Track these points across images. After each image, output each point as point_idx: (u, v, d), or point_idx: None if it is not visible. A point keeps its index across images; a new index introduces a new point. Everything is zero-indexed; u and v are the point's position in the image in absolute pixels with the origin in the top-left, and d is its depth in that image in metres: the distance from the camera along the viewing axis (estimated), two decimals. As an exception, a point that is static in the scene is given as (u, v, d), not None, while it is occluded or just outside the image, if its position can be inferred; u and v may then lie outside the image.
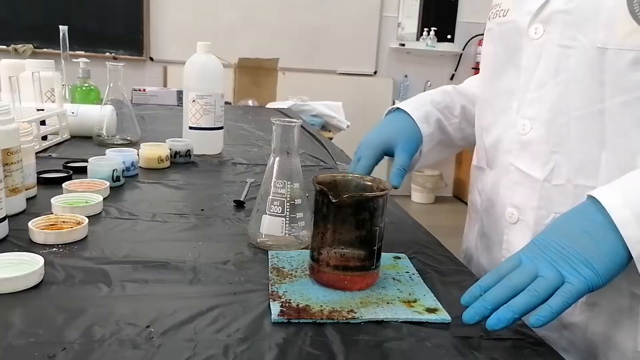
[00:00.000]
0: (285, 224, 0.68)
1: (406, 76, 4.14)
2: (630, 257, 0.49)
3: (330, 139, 2.18)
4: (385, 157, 0.79)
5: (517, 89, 0.66)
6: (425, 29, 4.13)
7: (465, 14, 4.15)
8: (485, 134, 0.75)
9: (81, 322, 0.48)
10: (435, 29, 4.12)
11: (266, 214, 0.68)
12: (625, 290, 0.58)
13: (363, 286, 0.59)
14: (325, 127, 2.60)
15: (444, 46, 4.16)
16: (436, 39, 4.13)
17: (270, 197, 0.68)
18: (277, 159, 0.69)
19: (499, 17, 0.69)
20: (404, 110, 0.82)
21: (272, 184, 0.68)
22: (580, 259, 0.49)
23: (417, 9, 4.12)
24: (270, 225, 0.68)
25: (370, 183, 0.63)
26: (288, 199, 0.68)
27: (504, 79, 0.69)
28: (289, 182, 0.68)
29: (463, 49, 4.20)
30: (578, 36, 0.59)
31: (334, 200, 0.56)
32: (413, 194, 4.37)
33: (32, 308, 0.51)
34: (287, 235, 0.68)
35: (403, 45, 4.12)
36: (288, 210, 0.68)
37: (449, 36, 4.17)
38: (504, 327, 0.48)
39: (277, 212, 0.68)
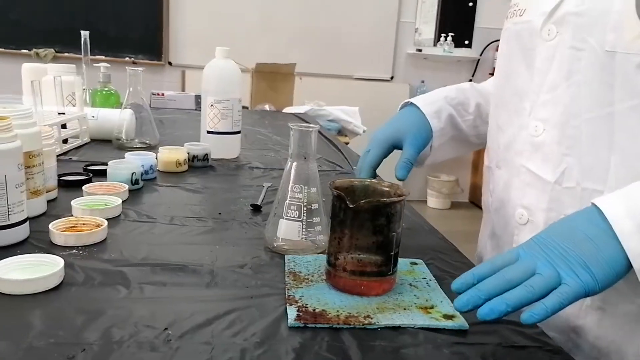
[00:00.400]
0: (302, 228, 0.68)
1: (423, 82, 4.13)
2: (629, 267, 0.48)
3: (347, 143, 2.18)
4: (395, 150, 0.80)
5: (530, 90, 0.66)
6: (443, 35, 4.12)
7: (483, 20, 4.13)
8: (498, 134, 0.74)
9: (100, 324, 0.49)
10: (453, 34, 4.11)
11: (283, 218, 0.69)
12: (632, 296, 0.58)
13: (380, 292, 0.59)
14: (341, 132, 2.60)
15: (462, 52, 4.14)
16: (453, 45, 4.11)
17: (287, 201, 0.68)
18: (295, 163, 0.69)
19: (516, 16, 0.69)
20: (416, 105, 0.82)
21: (289, 188, 0.68)
22: (580, 262, 0.48)
23: (434, 14, 4.11)
24: (287, 230, 0.68)
25: (387, 189, 0.63)
26: (305, 203, 0.68)
27: (518, 80, 0.69)
28: (306, 187, 0.68)
29: (480, 55, 4.18)
30: (588, 39, 0.59)
31: (351, 206, 0.56)
32: (429, 200, 4.35)
33: (52, 309, 0.52)
34: (303, 239, 0.68)
35: (420, 50, 4.11)
36: (305, 214, 0.68)
37: (466, 42, 4.15)
38: (496, 318, 0.47)
39: (294, 217, 0.68)
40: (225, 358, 0.45)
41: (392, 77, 4.14)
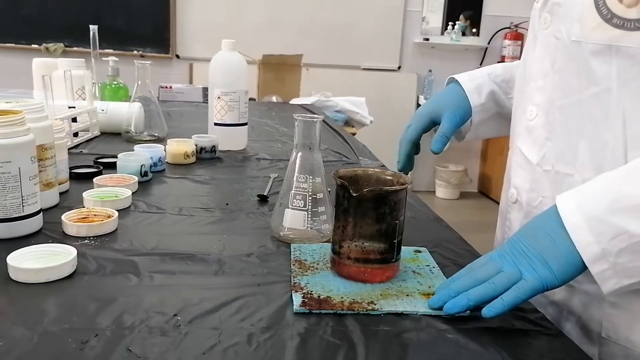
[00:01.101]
0: (308, 217, 0.70)
1: (430, 71, 4.11)
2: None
3: (354, 134, 2.19)
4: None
5: (531, 76, 0.68)
6: (450, 23, 4.09)
7: (491, 7, 4.09)
8: (513, 120, 0.76)
9: (112, 310, 0.51)
10: (460, 22, 4.08)
11: (289, 207, 0.70)
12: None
13: (383, 278, 0.60)
14: (348, 122, 2.61)
15: (469, 40, 4.12)
16: (461, 33, 4.09)
17: (293, 191, 0.70)
18: (300, 154, 0.70)
19: (536, 2, 0.71)
20: (458, 82, 0.83)
21: (295, 178, 0.70)
22: (540, 259, 0.51)
23: (442, 3, 4.08)
24: (293, 219, 0.70)
25: (390, 177, 0.64)
26: (310, 193, 0.69)
27: (527, 65, 0.70)
28: (310, 177, 0.69)
29: (488, 43, 4.15)
30: (562, 28, 0.61)
31: (354, 194, 0.57)
32: (437, 190, 4.34)
33: (66, 297, 0.54)
34: (309, 228, 0.70)
35: (427, 39, 4.09)
36: (310, 204, 0.69)
37: (474, 30, 4.13)
38: (458, 312, 0.52)
39: (299, 206, 0.70)
40: (232, 342, 0.47)
41: (399, 67, 4.12)
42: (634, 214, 0.48)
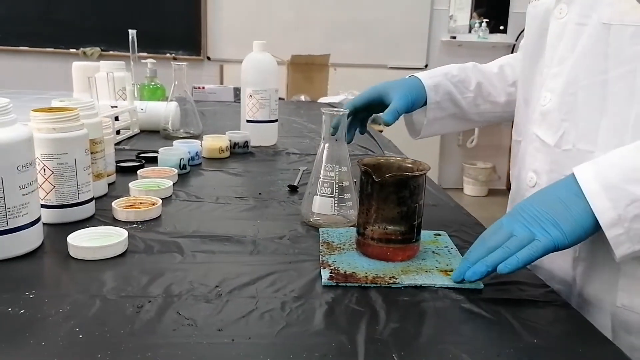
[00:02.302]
0: (335, 204, 0.75)
1: (458, 68, 4.11)
2: (596, 224, 0.55)
3: (380, 131, 2.23)
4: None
5: (544, 65, 0.71)
6: (477, 21, 4.09)
7: (517, 5, 4.08)
8: (525, 109, 0.79)
9: (162, 282, 0.57)
10: (487, 20, 4.07)
11: (317, 194, 0.76)
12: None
13: (404, 257, 0.65)
14: (375, 120, 2.65)
15: (497, 37, 4.11)
16: (488, 31, 4.08)
17: (321, 179, 0.75)
18: (327, 145, 0.76)
19: (536, 0, 0.75)
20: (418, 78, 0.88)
21: (323, 167, 0.75)
22: (551, 220, 0.55)
23: (469, 0, 4.08)
24: (321, 205, 0.75)
25: (410, 165, 0.69)
26: (337, 181, 0.75)
27: (536, 57, 0.74)
28: (337, 166, 0.75)
29: (516, 40, 4.13)
30: (591, 14, 0.64)
31: (377, 180, 0.63)
32: (465, 187, 4.34)
33: (120, 271, 0.60)
34: (336, 214, 0.75)
35: (454, 37, 4.10)
36: (337, 191, 0.75)
37: (501, 27, 4.11)
38: (479, 278, 0.57)
39: (327, 193, 0.75)
40: (268, 308, 0.53)
41: (426, 65, 4.14)
42: None
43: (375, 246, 0.65)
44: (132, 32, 1.49)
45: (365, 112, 0.89)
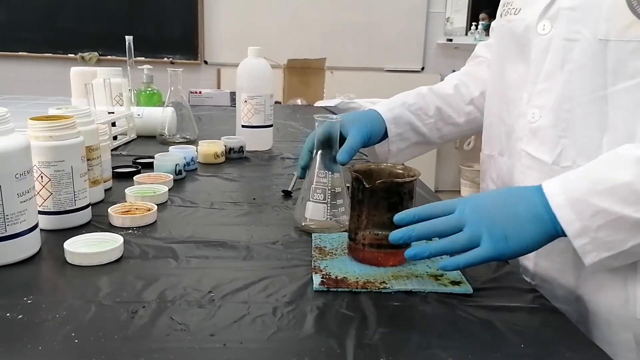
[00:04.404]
0: (327, 209, 0.76)
1: (454, 71, 4.12)
2: (551, 237, 0.58)
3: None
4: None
5: (527, 80, 0.72)
6: (474, 24, 4.11)
7: (514, 7, 4.09)
8: (499, 124, 0.80)
9: (156, 288, 0.58)
10: (484, 22, 4.09)
11: (310, 200, 0.77)
12: (631, 265, 0.63)
13: (395, 262, 0.66)
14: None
15: (493, 40, 4.12)
16: (485, 33, 4.10)
17: (314, 185, 0.77)
18: (320, 152, 0.77)
19: (510, 14, 0.75)
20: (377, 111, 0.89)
21: (315, 174, 0.77)
22: (502, 234, 0.57)
23: (465, 3, 4.11)
24: (314, 211, 0.77)
25: (401, 171, 0.70)
26: (329, 187, 0.76)
27: (514, 72, 0.75)
28: (330, 173, 0.76)
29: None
30: (582, 30, 0.64)
31: (367, 186, 0.64)
32: (463, 189, 4.36)
33: (116, 277, 0.61)
34: (328, 219, 0.76)
35: (451, 40, 4.11)
36: (329, 197, 0.76)
37: (498, 30, 4.13)
38: (418, 259, 0.61)
39: (319, 199, 0.76)
40: (259, 314, 0.54)
41: (422, 68, 4.16)
42: (610, 194, 0.55)
43: (367, 251, 0.66)
44: (128, 39, 1.50)
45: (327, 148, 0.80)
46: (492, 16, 4.04)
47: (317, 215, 0.77)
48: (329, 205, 0.76)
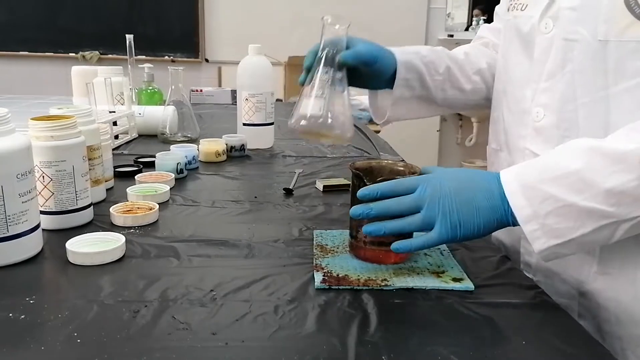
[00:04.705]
0: (325, 105, 0.71)
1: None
2: (503, 225, 0.60)
3: (378, 132, 2.24)
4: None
5: (531, 79, 0.71)
6: (475, 19, 4.10)
7: (515, 2, 4.08)
8: (502, 119, 0.80)
9: (158, 287, 0.59)
10: (485, 17, 4.08)
11: (307, 97, 0.72)
12: (631, 262, 0.63)
13: (397, 260, 0.66)
14: (372, 120, 2.66)
15: (494, 35, 4.11)
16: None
17: (315, 81, 0.72)
18: (325, 51, 0.74)
19: (517, 10, 0.75)
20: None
21: (320, 71, 0.73)
22: (456, 222, 0.59)
23: (466, -2, 4.10)
24: (312, 106, 0.71)
25: (402, 168, 0.70)
26: (329, 84, 0.72)
27: (518, 68, 0.75)
28: (332, 69, 0.73)
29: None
30: (581, 30, 0.64)
31: (368, 183, 0.64)
32: (465, 186, 4.35)
33: (118, 276, 0.62)
34: (326, 116, 0.71)
35: (452, 36, 4.10)
36: (328, 93, 0.72)
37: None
38: (374, 235, 0.62)
39: (318, 95, 0.72)
40: (261, 312, 0.54)
41: (424, 65, 4.15)
42: (559, 182, 0.56)
43: (368, 249, 0.66)
44: (129, 37, 1.50)
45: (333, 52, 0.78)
46: (485, 12, 4.04)
47: (313, 110, 0.71)
48: (327, 100, 0.71)
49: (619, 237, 0.56)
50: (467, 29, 4.13)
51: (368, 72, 0.80)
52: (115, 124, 1.26)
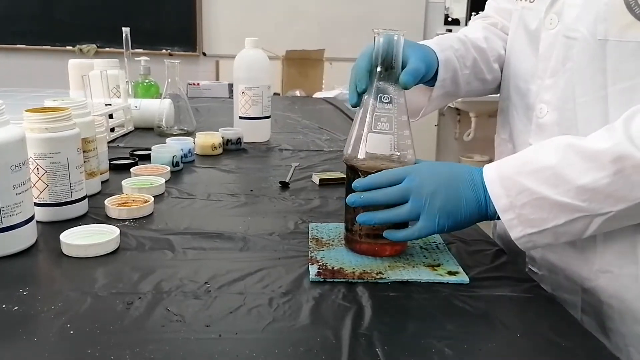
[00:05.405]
0: (394, 141, 0.64)
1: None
2: (484, 218, 0.63)
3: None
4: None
5: (536, 74, 0.71)
6: (473, 14, 4.09)
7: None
8: (508, 111, 0.79)
9: (152, 279, 0.58)
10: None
11: (372, 132, 0.64)
12: (632, 260, 0.63)
13: (392, 252, 0.66)
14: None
15: (493, 30, 4.11)
16: (484, 24, 4.08)
17: (376, 113, 0.63)
18: (380, 72, 0.65)
19: (526, 1, 0.74)
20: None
21: (378, 99, 0.63)
22: (444, 213, 0.61)
23: (465, -8, 4.08)
24: (378, 144, 0.64)
25: (397, 160, 0.69)
26: (395, 115, 0.64)
27: (525, 62, 0.74)
28: (395, 97, 0.64)
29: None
30: (580, 29, 0.63)
31: (363, 176, 0.63)
32: (462, 181, 4.35)
33: (112, 268, 0.61)
34: (395, 154, 0.65)
35: (450, 30, 4.09)
36: (396, 127, 0.64)
37: (498, 20, 4.11)
38: (366, 225, 0.64)
39: (384, 129, 0.63)
40: (255, 304, 0.54)
41: (422, 59, 4.14)
42: (535, 175, 0.58)
43: (363, 242, 0.66)
44: (125, 30, 1.49)
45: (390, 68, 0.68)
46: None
47: (382, 149, 0.64)
48: (395, 136, 0.64)
49: (593, 230, 0.58)
50: (466, 24, 4.12)
51: None
52: (111, 116, 1.26)
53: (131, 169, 0.95)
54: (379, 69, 0.65)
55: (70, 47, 3.68)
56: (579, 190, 0.56)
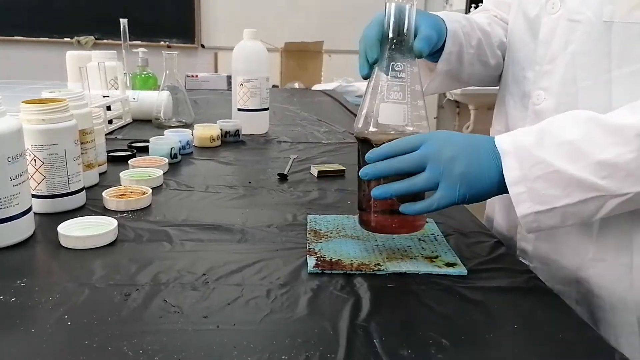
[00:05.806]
0: (408, 111, 0.61)
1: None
2: (500, 192, 0.59)
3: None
4: None
5: (534, 61, 0.70)
6: (473, 6, 4.07)
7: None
8: (505, 100, 0.79)
9: (150, 271, 0.58)
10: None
11: (385, 102, 0.61)
12: (627, 249, 0.63)
13: (410, 229, 0.64)
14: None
15: (493, 22, 4.09)
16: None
17: (389, 82, 0.61)
18: (393, 40, 0.62)
19: None
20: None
21: (390, 67, 0.61)
22: (464, 182, 0.57)
23: (465, -15, 4.06)
24: (392, 114, 0.61)
25: (410, 129, 0.63)
26: (409, 84, 0.61)
27: (523, 49, 0.73)
28: (408, 66, 0.61)
29: (512, 25, 4.11)
30: (585, 11, 0.63)
31: (377, 145, 0.60)
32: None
33: (110, 260, 0.61)
34: (409, 124, 0.61)
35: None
36: (409, 96, 0.61)
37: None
38: (382, 198, 0.59)
39: (397, 99, 0.60)
40: (253, 296, 0.54)
41: (422, 52, 4.12)
42: (554, 149, 0.55)
43: (380, 217, 0.63)
44: (123, 22, 1.49)
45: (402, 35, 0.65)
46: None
47: (395, 120, 0.61)
48: (409, 106, 0.61)
49: (604, 214, 0.55)
50: (465, 16, 4.10)
51: None
52: (109, 108, 1.25)
53: (129, 161, 0.95)
54: (391, 35, 0.62)
55: (68, 39, 3.67)
56: (599, 166, 0.53)
